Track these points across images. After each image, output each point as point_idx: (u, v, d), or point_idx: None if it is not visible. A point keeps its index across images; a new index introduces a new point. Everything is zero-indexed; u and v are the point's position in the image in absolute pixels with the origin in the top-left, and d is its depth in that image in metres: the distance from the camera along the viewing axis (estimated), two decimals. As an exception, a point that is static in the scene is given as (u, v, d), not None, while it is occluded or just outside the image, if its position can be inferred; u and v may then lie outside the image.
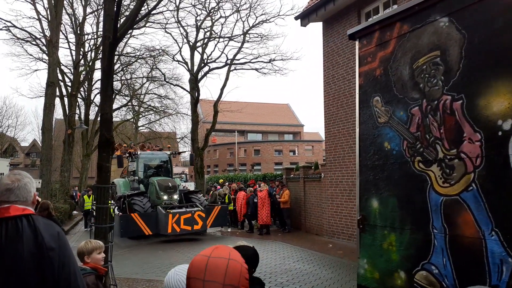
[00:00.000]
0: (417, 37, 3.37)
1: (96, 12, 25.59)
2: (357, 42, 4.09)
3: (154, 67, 28.13)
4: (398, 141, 3.47)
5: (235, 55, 24.56)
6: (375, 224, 3.65)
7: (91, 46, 26.95)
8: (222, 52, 24.75)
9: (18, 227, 1.91)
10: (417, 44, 3.37)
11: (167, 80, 27.81)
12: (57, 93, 22.78)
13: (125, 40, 25.63)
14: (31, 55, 27.29)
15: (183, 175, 22.72)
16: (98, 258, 3.27)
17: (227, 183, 22.02)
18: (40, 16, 22.30)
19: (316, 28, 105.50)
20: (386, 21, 3.72)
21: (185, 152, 20.43)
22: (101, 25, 22.51)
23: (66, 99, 25.61)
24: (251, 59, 24.76)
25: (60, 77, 24.11)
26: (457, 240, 2.95)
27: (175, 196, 14.30)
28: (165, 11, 23.22)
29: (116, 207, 13.31)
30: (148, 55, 26.91)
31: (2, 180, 2.09)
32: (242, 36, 24.31)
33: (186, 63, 25.49)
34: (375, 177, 3.70)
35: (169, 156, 16.85)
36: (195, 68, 25.00)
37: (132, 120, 37.65)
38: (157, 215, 13.12)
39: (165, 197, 13.95)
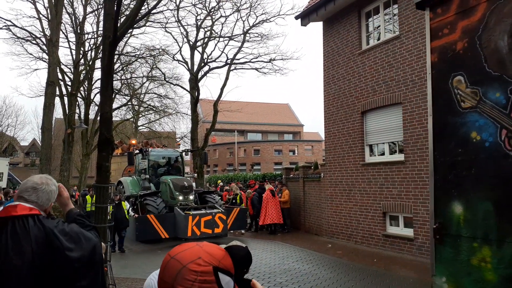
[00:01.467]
0: None
1: (96, 12, 25.56)
2: (427, 12, 3.39)
3: (154, 66, 28.11)
4: (492, 130, 2.78)
5: (235, 55, 24.55)
6: (458, 234, 2.99)
7: (91, 45, 26.92)
8: (222, 52, 24.75)
9: (26, 227, 1.91)
10: None
11: (167, 79, 27.79)
12: (57, 93, 22.76)
13: (125, 39, 25.61)
14: (31, 54, 27.29)
15: (195, 174, 21.55)
16: None
17: (220, 183, 21.78)
18: (40, 15, 22.30)
19: (316, 27, 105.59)
20: None
21: (196, 150, 19.53)
22: (101, 24, 22.49)
23: (66, 99, 25.56)
24: (251, 59, 24.75)
25: (60, 76, 24.08)
26: None
27: (191, 197, 13.28)
28: (165, 10, 23.20)
29: (131, 208, 12.22)
30: (148, 55, 26.89)
31: (32, 178, 2.11)
32: (242, 35, 24.30)
33: (186, 62, 25.48)
34: (457, 176, 3.04)
35: (180, 154, 15.79)
36: (195, 67, 24.99)
37: (132, 119, 37.63)
38: (175, 217, 12.16)
39: (181, 198, 12.95)
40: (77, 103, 26.74)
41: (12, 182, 21.55)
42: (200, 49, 25.24)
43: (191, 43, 25.16)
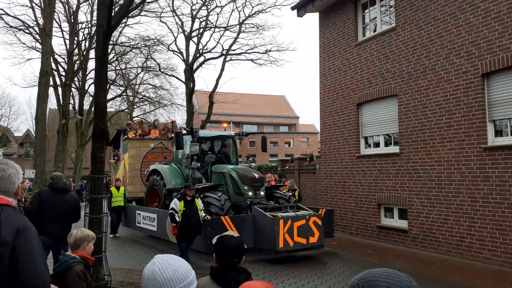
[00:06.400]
0: None
1: (90, 0, 25.26)
2: None
3: (149, 57, 27.95)
4: None
5: (230, 46, 24.44)
6: None
7: (85, 35, 26.69)
8: (218, 42, 24.69)
9: None
10: None
11: (162, 70, 27.65)
12: (51, 83, 22.55)
13: (119, 29, 25.39)
14: (24, 43, 27.12)
15: (252, 164, 17.15)
16: (92, 248, 3.31)
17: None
18: (33, 4, 22.01)
19: (312, 18, 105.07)
20: None
21: (253, 133, 15.65)
22: (95, 14, 22.24)
23: (60, 89, 25.38)
24: (247, 50, 24.66)
25: (53, 66, 23.86)
26: None
27: (262, 193, 10.29)
28: None
29: (203, 209, 8.80)
30: (143, 45, 26.72)
31: None
32: (238, 26, 24.16)
33: (181, 53, 25.34)
34: None
35: (233, 138, 12.34)
36: (191, 58, 24.86)
37: (126, 110, 37.45)
38: (254, 219, 9.01)
39: (250, 194, 9.98)
40: (71, 93, 26.57)
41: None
42: (195, 39, 25.10)
43: (186, 33, 24.98)
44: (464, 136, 8.76)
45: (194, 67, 24.73)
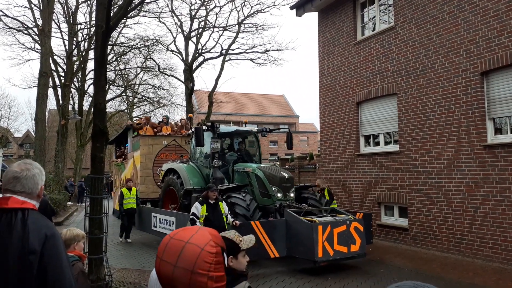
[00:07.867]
0: None
1: (89, 1, 25.25)
2: None
3: (148, 57, 27.93)
4: None
5: (230, 45, 24.44)
6: None
7: (84, 36, 26.67)
8: (217, 42, 24.71)
9: (11, 222, 1.82)
10: None
11: (161, 70, 27.64)
12: (50, 83, 22.55)
13: (118, 29, 25.38)
14: (23, 44, 27.02)
15: (277, 162, 16.21)
16: (82, 246, 3.33)
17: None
18: (32, 5, 22.03)
19: (311, 18, 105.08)
20: None
21: (275, 131, 14.32)
22: (94, 14, 22.24)
23: (59, 90, 25.37)
24: (246, 49, 24.66)
25: (53, 67, 23.86)
26: None
27: (292, 194, 9.34)
28: None
29: (229, 213, 7.95)
30: (142, 45, 26.70)
31: (11, 167, 1.99)
32: (237, 26, 24.16)
33: (180, 53, 25.33)
34: None
35: (255, 134, 11.43)
36: (190, 58, 24.85)
37: (126, 110, 37.43)
38: (287, 225, 8.06)
39: (279, 195, 9.02)
40: (70, 94, 26.55)
41: (6, 174, 21.37)
42: (194, 39, 25.11)
43: (185, 33, 24.98)
44: (464, 134, 8.77)
45: (194, 67, 24.73)
